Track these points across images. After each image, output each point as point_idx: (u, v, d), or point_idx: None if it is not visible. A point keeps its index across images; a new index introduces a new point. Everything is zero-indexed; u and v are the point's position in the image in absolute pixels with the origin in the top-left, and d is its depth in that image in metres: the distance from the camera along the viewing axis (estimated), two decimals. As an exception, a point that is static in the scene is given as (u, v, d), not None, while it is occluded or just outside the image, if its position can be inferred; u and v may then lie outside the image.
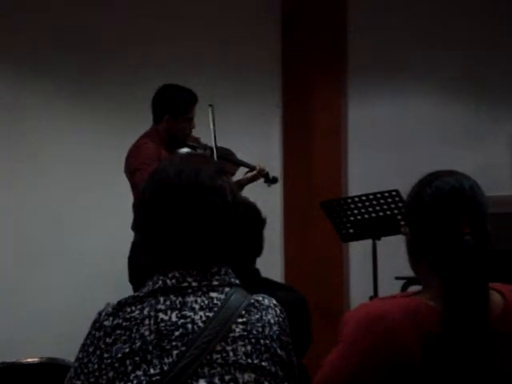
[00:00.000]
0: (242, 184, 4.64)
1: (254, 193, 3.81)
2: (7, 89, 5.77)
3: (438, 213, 1.82)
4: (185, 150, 4.58)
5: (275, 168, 5.21)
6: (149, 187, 1.90)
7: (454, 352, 1.73)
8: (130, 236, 4.30)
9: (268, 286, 2.81)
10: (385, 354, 1.74)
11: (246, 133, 5.88)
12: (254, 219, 2.96)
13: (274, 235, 3.08)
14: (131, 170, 4.47)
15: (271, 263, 4.30)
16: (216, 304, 1.81)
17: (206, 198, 1.83)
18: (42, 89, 5.85)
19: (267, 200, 3.21)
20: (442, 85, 6.06)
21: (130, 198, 4.41)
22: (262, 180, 4.86)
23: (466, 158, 5.45)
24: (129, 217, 3.24)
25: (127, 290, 3.75)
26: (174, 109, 4.59)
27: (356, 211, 4.82)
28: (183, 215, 1.83)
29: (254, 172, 4.75)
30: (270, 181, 4.91)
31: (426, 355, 1.73)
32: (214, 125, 4.67)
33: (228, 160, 4.71)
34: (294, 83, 6.11)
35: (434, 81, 6.06)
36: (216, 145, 4.69)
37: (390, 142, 6.02)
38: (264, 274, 3.03)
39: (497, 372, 1.75)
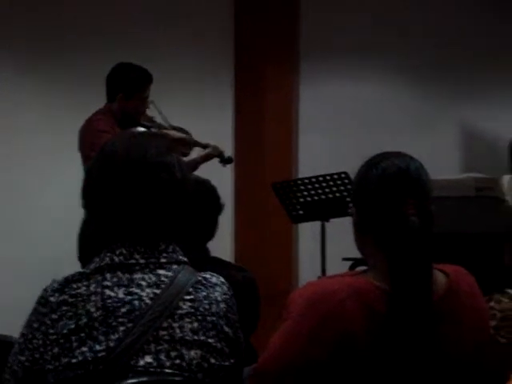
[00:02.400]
0: (196, 163, 4.63)
1: (205, 173, 3.80)
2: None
3: (384, 194, 1.84)
4: (139, 129, 4.55)
5: (227, 149, 5.19)
6: (96, 162, 1.89)
7: (398, 330, 1.75)
8: (81, 214, 4.26)
9: (217, 265, 2.81)
10: (331, 332, 1.76)
11: (197, 114, 5.85)
12: (211, 203, 2.96)
13: (224, 215, 3.07)
14: (83, 144, 4.45)
15: (221, 243, 4.29)
16: (163, 281, 1.81)
17: (154, 174, 1.83)
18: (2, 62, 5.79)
19: (218, 180, 3.20)
20: (393, 69, 6.11)
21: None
22: (216, 160, 4.86)
23: (415, 142, 5.49)
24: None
25: (77, 269, 3.72)
26: (127, 87, 4.55)
27: (306, 193, 4.85)
28: (131, 191, 1.82)
29: (207, 150, 4.74)
30: (225, 160, 4.89)
31: (371, 333, 1.76)
32: (161, 114, 4.67)
33: None
34: (246, 62, 6.10)
35: (384, 65, 6.11)
36: (170, 124, 4.68)
37: (341, 123, 6.06)
38: (213, 253, 3.03)
39: (439, 350, 1.78)
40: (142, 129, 4.54)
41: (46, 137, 5.76)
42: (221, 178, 4.76)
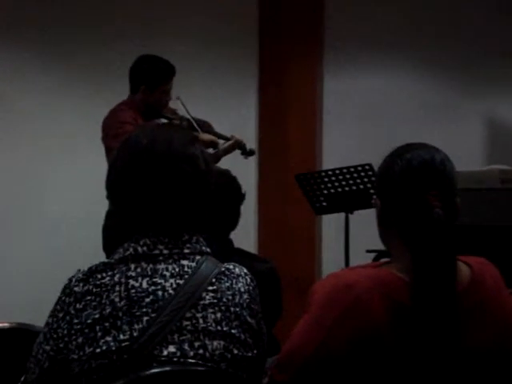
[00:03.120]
0: (218, 155, 4.64)
1: (229, 165, 3.81)
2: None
3: (409, 185, 1.83)
4: (161, 121, 4.57)
5: (250, 141, 5.21)
6: (121, 154, 1.89)
7: (421, 323, 1.74)
8: (105, 204, 4.28)
9: (240, 256, 2.82)
10: (353, 324, 1.75)
11: (221, 105, 5.86)
12: (233, 192, 2.96)
13: (248, 207, 3.08)
14: (106, 134, 4.47)
15: (245, 234, 4.31)
16: (187, 272, 1.81)
17: (178, 165, 1.83)
18: (15, 55, 5.80)
19: (242, 172, 3.22)
20: (418, 59, 6.08)
21: (105, 164, 4.39)
22: (238, 152, 4.86)
23: (439, 134, 5.47)
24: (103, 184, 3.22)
25: (101, 259, 3.74)
26: (150, 80, 4.57)
27: (329, 184, 4.84)
28: (155, 183, 1.83)
29: (230, 142, 4.75)
30: (247, 153, 4.90)
31: (394, 326, 1.75)
32: (188, 112, 4.68)
33: (205, 132, 4.70)
34: (271, 56, 6.10)
35: (409, 55, 6.08)
36: (192, 116, 4.69)
37: (365, 115, 6.04)
38: (237, 245, 3.03)
39: (462, 342, 1.78)
40: (164, 120, 4.56)
41: (68, 123, 5.79)
42: (245, 169, 4.78)
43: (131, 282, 1.79)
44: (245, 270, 1.90)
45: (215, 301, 1.81)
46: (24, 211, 5.70)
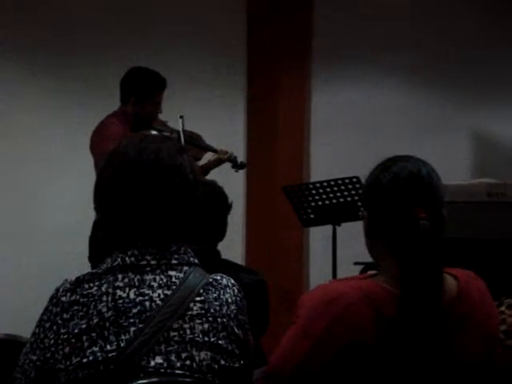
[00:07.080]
0: (207, 168, 4.66)
1: (217, 176, 3.82)
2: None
3: (395, 197, 1.84)
4: (151, 132, 4.58)
5: (239, 153, 5.21)
6: (108, 165, 1.90)
7: (408, 334, 1.75)
8: (92, 214, 4.28)
9: (228, 268, 2.82)
10: (340, 335, 1.76)
11: (210, 118, 5.87)
12: (220, 203, 2.97)
13: (235, 219, 3.08)
14: (95, 148, 4.47)
15: (232, 246, 4.32)
16: (174, 282, 1.81)
17: (166, 176, 1.84)
18: (10, 64, 5.81)
19: (230, 184, 3.23)
20: (406, 73, 6.11)
21: (93, 176, 4.39)
22: (228, 165, 4.87)
23: (427, 147, 5.49)
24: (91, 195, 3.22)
25: (88, 269, 3.73)
26: (141, 92, 4.59)
27: (317, 197, 4.84)
28: (143, 193, 1.83)
29: (216, 155, 4.75)
30: (238, 166, 4.91)
31: (380, 337, 1.76)
32: (183, 133, 4.66)
33: (194, 144, 4.71)
34: (259, 68, 6.11)
35: (397, 68, 6.11)
36: (183, 129, 4.70)
37: (353, 128, 6.06)
38: (225, 256, 3.03)
39: (448, 354, 1.78)
40: (154, 132, 4.56)
41: (57, 135, 5.78)
42: (232, 182, 4.79)
43: (118, 292, 1.78)
44: (232, 281, 1.91)
45: (203, 311, 1.81)
46: (11, 222, 5.69)
